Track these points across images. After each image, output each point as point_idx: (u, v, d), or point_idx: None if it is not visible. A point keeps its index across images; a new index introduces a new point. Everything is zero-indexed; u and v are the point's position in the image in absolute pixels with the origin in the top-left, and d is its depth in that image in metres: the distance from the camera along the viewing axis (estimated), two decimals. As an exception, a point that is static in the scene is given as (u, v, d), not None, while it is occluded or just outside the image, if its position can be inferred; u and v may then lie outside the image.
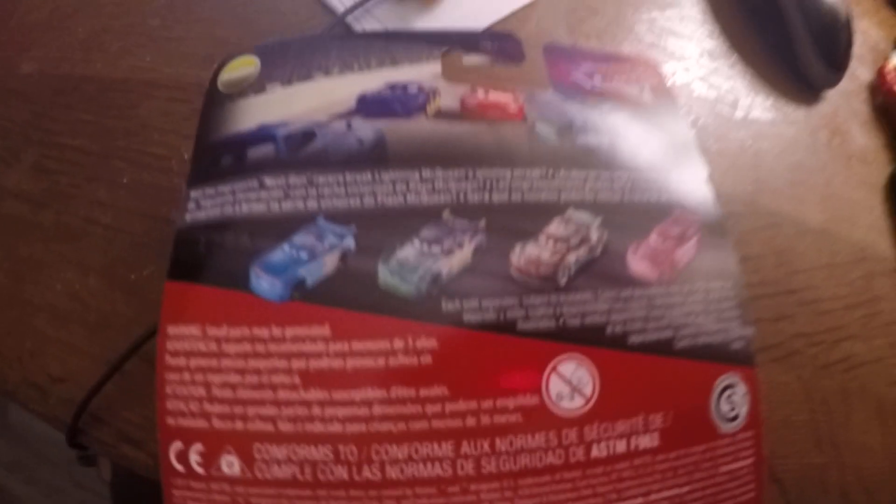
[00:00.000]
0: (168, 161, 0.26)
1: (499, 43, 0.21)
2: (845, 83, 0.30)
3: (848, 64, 0.30)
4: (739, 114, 0.29)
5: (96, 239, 0.25)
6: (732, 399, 0.17)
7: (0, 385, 0.23)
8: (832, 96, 0.31)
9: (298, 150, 0.18)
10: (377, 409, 0.16)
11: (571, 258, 0.17)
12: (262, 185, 0.18)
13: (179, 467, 0.16)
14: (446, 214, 0.17)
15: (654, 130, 0.20)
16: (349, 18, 0.29)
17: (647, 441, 0.16)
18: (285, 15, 0.31)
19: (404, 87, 0.19)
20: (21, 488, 0.46)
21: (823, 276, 0.25)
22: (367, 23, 0.29)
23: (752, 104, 0.30)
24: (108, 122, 0.28)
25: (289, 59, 0.20)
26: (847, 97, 0.31)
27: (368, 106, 0.19)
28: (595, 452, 0.16)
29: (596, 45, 0.30)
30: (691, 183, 0.20)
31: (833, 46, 0.29)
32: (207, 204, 0.18)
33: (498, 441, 0.16)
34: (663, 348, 0.17)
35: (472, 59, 0.20)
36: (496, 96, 0.19)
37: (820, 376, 0.23)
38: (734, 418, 0.17)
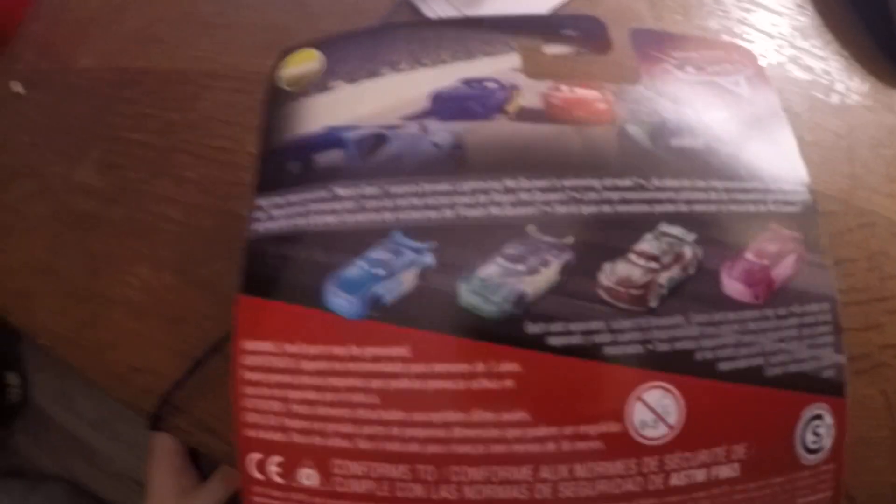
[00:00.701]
0: (233, 154, 0.26)
1: (582, 28, 0.19)
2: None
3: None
4: (835, 99, 0.27)
5: (167, 234, 0.25)
6: (818, 431, 0.16)
7: (82, 374, 0.24)
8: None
9: (370, 157, 0.17)
10: (457, 432, 0.15)
11: (663, 278, 0.16)
12: (333, 196, 0.17)
13: (259, 476, 0.16)
14: (531, 229, 0.16)
15: (751, 129, 0.18)
16: (413, -1, 0.26)
17: (727, 471, 0.16)
18: (342, -4, 0.28)
19: (481, 84, 0.18)
20: (106, 444, 0.49)
21: (916, 280, 0.23)
22: (433, 3, 0.27)
23: (848, 89, 0.27)
24: (170, 116, 0.27)
25: (353, 53, 0.19)
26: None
27: (443, 106, 0.17)
28: (674, 481, 0.15)
29: (682, 22, 0.27)
30: (791, 192, 0.18)
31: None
32: (277, 214, 0.17)
33: (577, 467, 0.15)
34: (752, 377, 0.16)
35: (553, 49, 0.18)
36: (582, 93, 0.18)
37: (904, 389, 0.22)
38: (817, 450, 0.16)
